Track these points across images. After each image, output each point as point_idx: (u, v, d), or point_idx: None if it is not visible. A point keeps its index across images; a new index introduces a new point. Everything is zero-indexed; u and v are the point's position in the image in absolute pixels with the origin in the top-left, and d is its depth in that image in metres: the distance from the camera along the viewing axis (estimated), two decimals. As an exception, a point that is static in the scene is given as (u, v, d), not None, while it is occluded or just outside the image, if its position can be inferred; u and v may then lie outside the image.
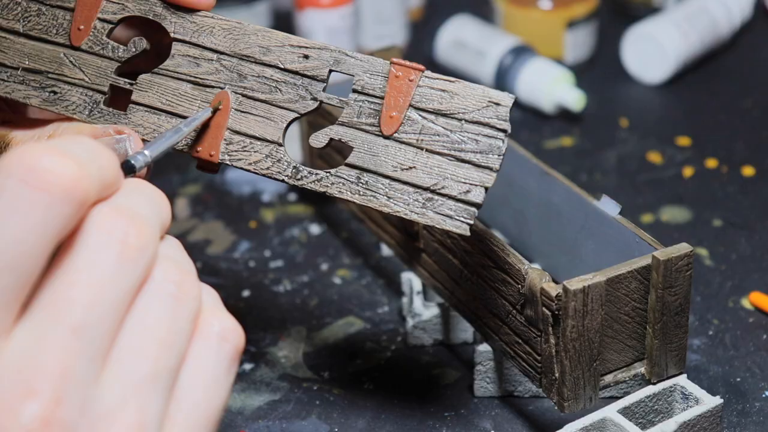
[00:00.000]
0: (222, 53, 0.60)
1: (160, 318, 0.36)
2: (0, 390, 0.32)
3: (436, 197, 0.56)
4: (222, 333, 0.38)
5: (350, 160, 0.57)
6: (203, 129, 0.59)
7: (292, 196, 0.93)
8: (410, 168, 0.57)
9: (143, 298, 0.36)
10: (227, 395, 0.38)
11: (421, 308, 0.74)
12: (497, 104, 0.57)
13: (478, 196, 0.56)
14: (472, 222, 0.55)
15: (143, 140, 0.59)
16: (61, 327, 0.33)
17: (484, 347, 0.69)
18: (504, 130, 0.56)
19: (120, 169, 0.36)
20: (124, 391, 0.34)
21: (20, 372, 0.32)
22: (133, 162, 0.47)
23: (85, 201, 0.34)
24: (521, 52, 1.06)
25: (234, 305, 0.80)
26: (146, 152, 0.48)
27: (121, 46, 0.61)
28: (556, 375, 0.61)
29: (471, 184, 0.56)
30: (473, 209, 0.55)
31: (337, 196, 0.57)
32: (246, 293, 0.81)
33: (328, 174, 0.57)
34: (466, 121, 0.57)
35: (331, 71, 0.59)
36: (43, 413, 0.32)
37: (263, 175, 0.58)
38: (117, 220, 0.35)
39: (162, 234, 0.38)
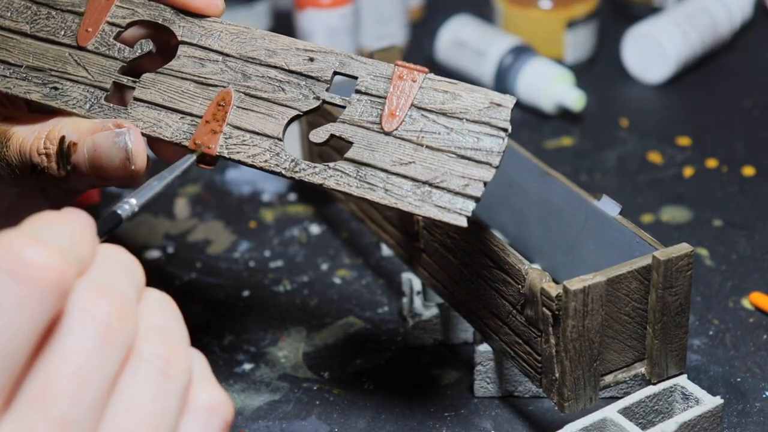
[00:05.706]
0: (228, 55, 0.60)
1: (148, 398, 0.34)
2: None
3: (434, 190, 0.56)
4: (210, 406, 0.36)
5: (349, 154, 0.57)
6: (202, 123, 0.59)
7: (292, 197, 0.93)
8: (409, 163, 0.57)
9: (129, 376, 0.34)
10: None
11: (421, 308, 0.74)
12: (499, 105, 0.57)
13: (476, 190, 0.56)
14: (469, 214, 0.55)
15: (143, 135, 0.58)
16: (49, 421, 0.32)
17: (484, 347, 0.69)
18: (505, 129, 0.57)
19: (95, 241, 0.35)
20: None
21: None
22: (119, 212, 0.46)
23: (69, 288, 0.33)
24: (521, 52, 1.06)
25: (234, 305, 0.80)
26: (133, 201, 0.47)
27: (127, 47, 0.61)
28: (557, 375, 0.61)
29: (470, 179, 0.56)
30: (471, 202, 0.56)
31: (333, 188, 0.57)
32: (246, 293, 0.81)
33: (326, 167, 0.57)
34: (467, 120, 0.57)
35: (335, 73, 0.59)
36: None
37: (261, 168, 0.58)
38: (99, 303, 0.34)
39: (138, 298, 0.36)
